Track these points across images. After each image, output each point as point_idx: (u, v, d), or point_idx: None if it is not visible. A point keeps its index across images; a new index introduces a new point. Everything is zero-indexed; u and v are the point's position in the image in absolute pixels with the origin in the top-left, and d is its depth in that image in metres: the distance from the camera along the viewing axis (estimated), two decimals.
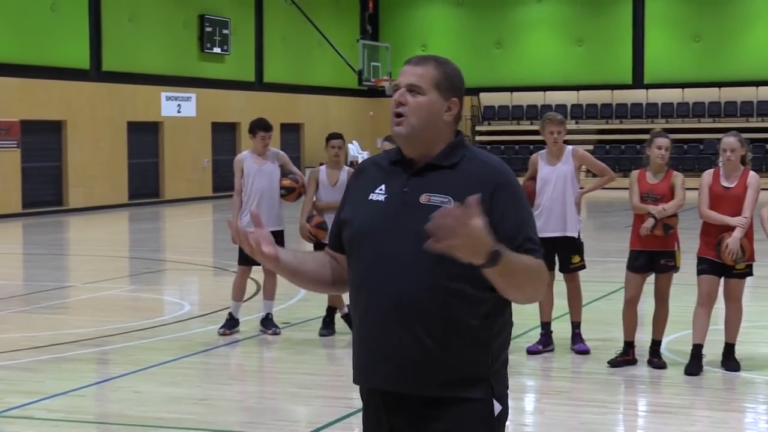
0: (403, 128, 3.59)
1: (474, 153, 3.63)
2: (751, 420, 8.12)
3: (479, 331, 3.52)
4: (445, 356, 3.50)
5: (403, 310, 3.50)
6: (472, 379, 3.54)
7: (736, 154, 9.12)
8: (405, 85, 3.61)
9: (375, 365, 3.59)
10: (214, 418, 7.95)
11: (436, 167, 3.59)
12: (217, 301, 13.14)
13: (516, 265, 3.30)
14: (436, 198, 3.51)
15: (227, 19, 36.08)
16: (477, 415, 3.55)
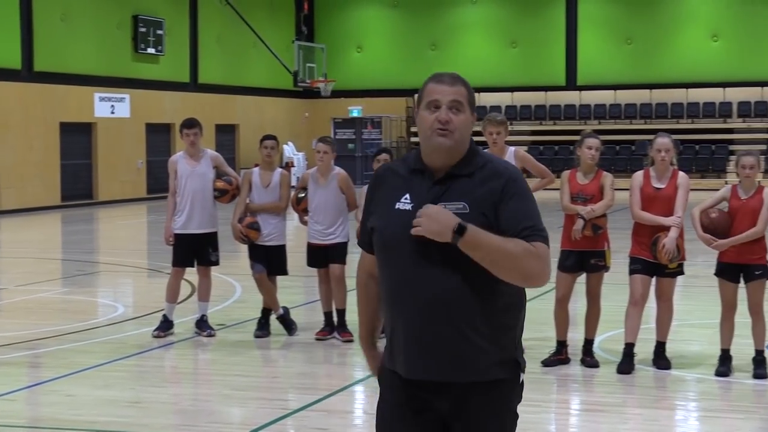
0: (449, 141, 3.93)
1: (485, 158, 4.01)
2: (681, 417, 8.22)
3: (507, 318, 3.97)
4: (483, 344, 3.89)
5: (443, 307, 3.88)
6: (505, 362, 3.98)
7: (670, 154, 9.23)
8: (447, 102, 3.96)
9: (419, 358, 3.93)
10: (147, 421, 7.89)
11: (456, 176, 3.95)
12: (151, 303, 13.05)
13: (485, 241, 3.78)
14: (450, 206, 3.87)
15: (161, 20, 35.82)
16: (510, 391, 4.01)
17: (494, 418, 4.00)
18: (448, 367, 3.91)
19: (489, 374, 3.94)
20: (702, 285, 13.20)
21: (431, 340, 3.90)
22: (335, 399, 8.57)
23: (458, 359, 3.90)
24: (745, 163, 9.12)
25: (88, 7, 32.92)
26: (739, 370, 9.17)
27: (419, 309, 3.90)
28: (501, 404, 4.00)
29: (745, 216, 9.03)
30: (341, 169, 10.90)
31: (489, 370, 3.93)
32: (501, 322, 3.94)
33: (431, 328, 3.90)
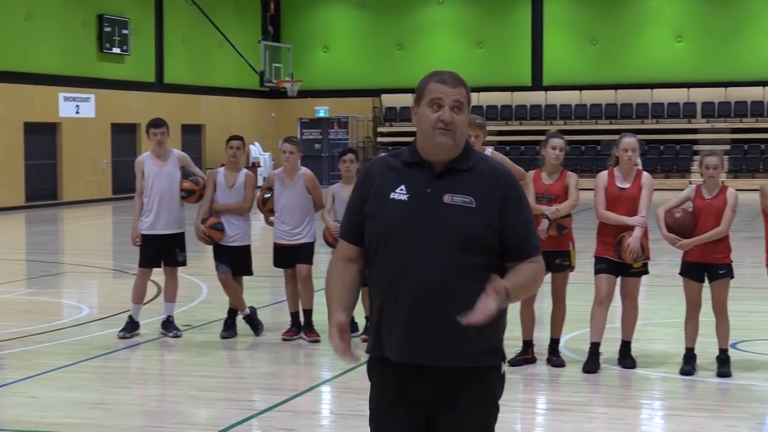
0: (450, 140, 4.11)
1: (479, 156, 4.21)
2: (646, 416, 8.26)
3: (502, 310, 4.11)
4: (473, 331, 4.00)
5: (440, 295, 4.04)
6: (491, 350, 4.16)
7: (636, 153, 9.29)
8: (450, 103, 4.12)
9: (411, 342, 4.09)
10: (113, 423, 7.86)
11: (455, 170, 4.13)
12: (116, 303, 12.99)
13: (519, 287, 4.07)
14: (458, 198, 4.07)
15: (127, 19, 35.67)
16: (495, 379, 4.20)
17: (477, 407, 4.16)
18: (438, 351, 4.07)
19: (476, 361, 4.11)
20: (667, 284, 13.28)
21: (423, 324, 4.06)
22: (302, 399, 8.56)
23: (448, 344, 4.06)
24: (709, 163, 9.18)
25: (53, 6, 32.73)
26: (704, 368, 9.23)
27: (414, 295, 4.06)
28: (485, 393, 4.18)
29: (709, 216, 9.09)
30: (308, 170, 10.90)
31: (476, 357, 4.11)
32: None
33: (424, 314, 4.05)
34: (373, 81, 42.88)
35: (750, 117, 39.64)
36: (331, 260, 4.41)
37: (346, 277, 4.32)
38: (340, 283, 4.33)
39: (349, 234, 4.30)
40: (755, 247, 14.33)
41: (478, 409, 4.16)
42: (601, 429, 7.77)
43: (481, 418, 4.18)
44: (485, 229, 4.06)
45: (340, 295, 4.31)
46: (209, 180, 10.97)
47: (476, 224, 4.05)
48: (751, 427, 7.63)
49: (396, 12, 43.06)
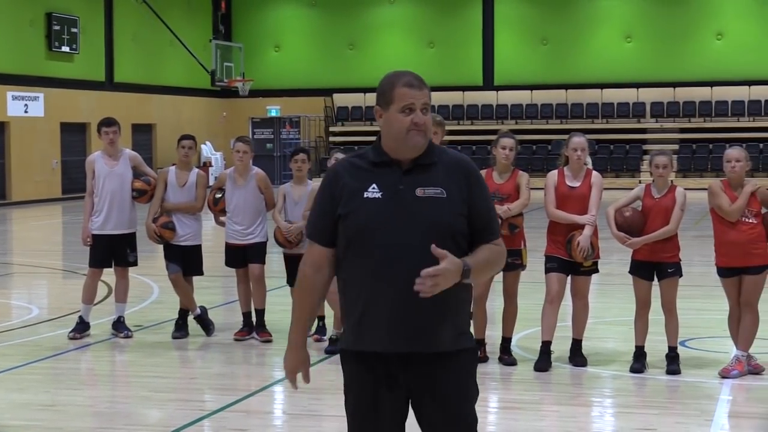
0: (423, 139, 4.32)
1: (439, 149, 4.40)
2: (597, 414, 8.31)
3: (465, 293, 4.39)
4: (450, 317, 4.30)
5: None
6: (463, 332, 4.40)
7: (585, 153, 9.34)
8: (420, 105, 4.32)
9: (393, 332, 4.27)
10: (63, 424, 7.80)
11: (421, 166, 4.32)
12: (66, 304, 12.89)
13: (481, 265, 4.27)
14: (430, 190, 4.28)
15: (76, 18, 35.39)
16: (470, 361, 4.45)
17: (459, 387, 4.37)
18: (424, 338, 4.28)
19: (454, 344, 4.33)
20: (617, 283, 13.37)
21: (409, 314, 4.25)
22: (254, 399, 8.54)
23: (429, 331, 4.27)
24: (658, 162, 9.26)
25: (0, 5, 32.40)
26: (654, 366, 9.31)
27: (397, 287, 4.21)
28: (465, 373, 4.40)
29: (658, 214, 9.17)
30: (260, 169, 10.87)
31: (454, 340, 4.34)
32: (461, 296, 4.34)
33: (409, 304, 4.21)
34: (325, 80, 42.84)
35: (698, 117, 40.03)
36: (301, 268, 4.45)
37: (314, 293, 4.44)
38: (309, 299, 4.46)
39: (319, 235, 4.40)
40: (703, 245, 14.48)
41: (462, 390, 4.37)
42: (552, 427, 7.81)
43: (466, 398, 4.39)
44: (458, 217, 4.28)
45: (307, 315, 4.48)
46: (160, 179, 10.91)
47: (449, 213, 4.27)
48: (700, 423, 7.70)
49: (347, 11, 43.05)
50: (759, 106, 39.49)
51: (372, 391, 4.35)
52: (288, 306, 11.33)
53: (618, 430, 7.78)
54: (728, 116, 39.70)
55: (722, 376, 9.00)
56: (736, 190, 9.03)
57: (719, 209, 9.02)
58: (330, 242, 4.38)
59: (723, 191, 9.04)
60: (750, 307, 9.03)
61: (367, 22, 43.04)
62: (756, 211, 9.02)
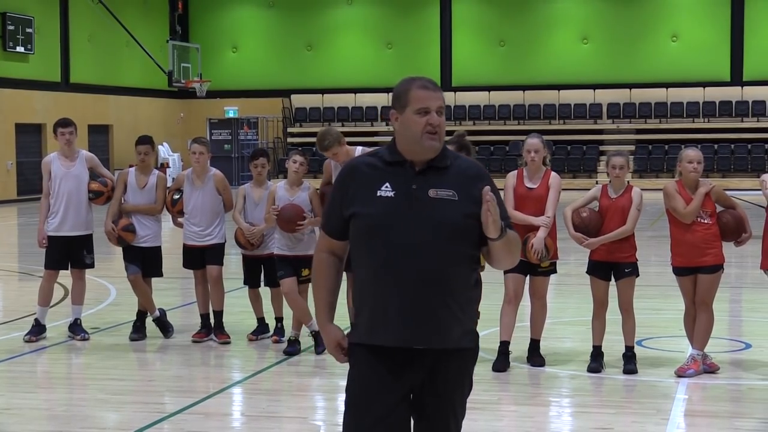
0: (438, 143, 4.46)
1: (452, 154, 4.54)
2: (555, 414, 8.35)
3: (475, 292, 4.54)
4: (459, 315, 4.45)
5: (432, 282, 4.37)
6: (470, 331, 4.55)
7: (540, 154, 9.37)
8: (436, 108, 4.46)
9: (405, 327, 4.40)
10: (19, 428, 7.74)
11: (435, 168, 4.46)
12: (22, 306, 12.79)
13: (510, 238, 4.44)
14: (442, 192, 4.40)
15: (31, 18, 35.13)
16: (472, 359, 4.61)
17: (459, 385, 4.57)
18: (429, 334, 4.41)
19: (460, 342, 4.48)
20: (574, 283, 13.45)
21: (420, 311, 4.39)
22: (213, 401, 8.52)
23: (438, 327, 4.41)
24: (615, 163, 9.32)
25: None
26: (611, 366, 9.36)
27: (406, 283, 4.37)
28: (465, 372, 4.59)
29: (614, 215, 9.23)
30: (217, 170, 10.84)
31: (461, 338, 4.48)
32: (470, 295, 4.52)
33: (420, 301, 4.38)
34: (283, 81, 42.75)
35: (654, 118, 40.30)
36: (316, 252, 4.69)
37: (331, 275, 4.64)
38: (327, 281, 4.65)
39: (331, 230, 4.60)
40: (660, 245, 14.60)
41: (459, 387, 4.56)
42: (510, 427, 7.85)
43: (462, 394, 4.60)
44: (468, 219, 4.40)
45: (328, 297, 4.66)
46: (119, 180, 10.86)
47: (460, 215, 4.40)
48: (656, 422, 7.76)
49: (305, 12, 42.98)
50: (713, 107, 39.83)
51: (375, 384, 4.45)
52: (247, 307, 11.36)
53: (575, 429, 7.82)
54: (683, 117, 40.01)
55: (678, 375, 9.07)
56: (690, 190, 9.11)
57: (675, 211, 9.09)
58: (341, 236, 4.58)
59: (678, 192, 9.10)
60: (705, 306, 9.10)
61: (325, 23, 43.00)
62: (711, 212, 9.10)
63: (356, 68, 42.35)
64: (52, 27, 36.51)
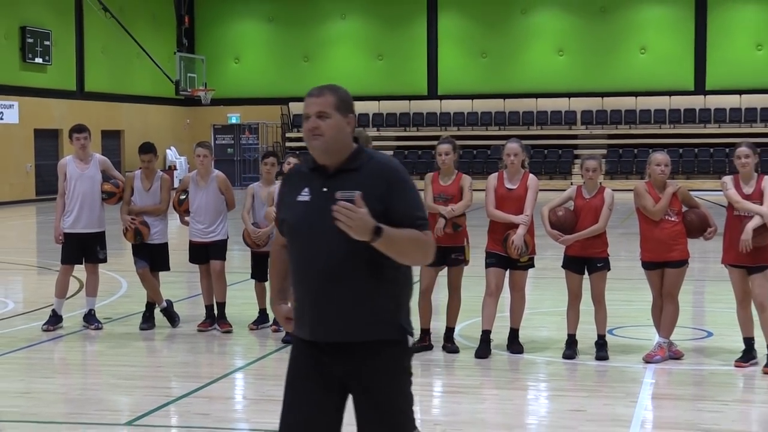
0: (319, 143, 4.27)
1: (371, 155, 4.33)
2: (532, 396, 8.35)
3: (393, 288, 4.28)
4: (371, 309, 4.21)
5: (336, 277, 4.19)
6: (391, 325, 4.28)
7: (519, 158, 9.36)
8: (314, 113, 4.29)
9: (319, 322, 4.24)
10: (38, 410, 7.72)
11: (345, 171, 4.27)
12: (40, 298, 12.76)
13: (396, 238, 4.11)
14: (347, 193, 4.11)
15: (48, 31, 35.03)
16: (399, 351, 4.33)
17: (389, 378, 4.30)
18: (335, 329, 4.22)
19: (376, 334, 4.24)
20: (551, 276, 13.44)
21: (327, 306, 4.22)
22: (217, 386, 8.50)
23: (349, 321, 4.21)
24: (588, 166, 9.32)
25: None
26: (584, 353, 9.37)
27: (315, 281, 4.23)
28: (391, 362, 4.30)
29: (588, 213, 9.23)
30: (220, 172, 10.83)
31: (376, 330, 4.23)
32: (386, 291, 4.25)
33: (327, 297, 4.21)
34: (281, 90, 42.70)
35: (624, 124, 40.34)
36: (273, 245, 4.71)
37: (283, 263, 4.54)
38: (279, 269, 4.59)
39: (280, 229, 4.51)
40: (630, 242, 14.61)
41: (389, 380, 4.30)
42: (492, 410, 7.84)
43: (394, 392, 4.32)
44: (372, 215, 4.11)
45: (280, 282, 4.58)
46: (127, 183, 10.84)
47: None
48: (625, 404, 7.76)
49: (302, 26, 42.95)
50: (678, 114, 39.88)
51: (306, 377, 4.32)
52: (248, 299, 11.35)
53: (551, 411, 7.82)
54: (651, 123, 40.06)
55: (646, 361, 9.08)
56: (659, 190, 9.12)
57: (644, 209, 9.10)
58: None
59: (647, 192, 9.12)
60: (671, 297, 9.11)
61: (320, 36, 42.97)
62: (677, 210, 9.12)
63: (349, 78, 42.25)
64: (68, 40, 36.42)
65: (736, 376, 8.74)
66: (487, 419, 7.51)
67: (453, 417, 7.52)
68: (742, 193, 8.80)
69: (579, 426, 7.19)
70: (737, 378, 8.71)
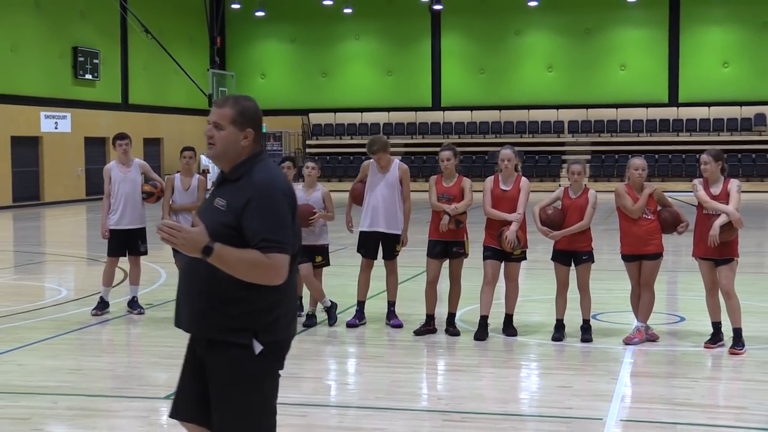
0: (211, 152, 4.00)
1: (256, 168, 3.96)
2: (525, 375, 8.33)
3: (240, 293, 3.87)
4: (213, 308, 3.91)
5: (191, 274, 3.98)
6: (235, 329, 3.90)
7: (512, 162, 9.35)
8: (211, 122, 4.01)
9: (178, 314, 4.09)
10: (87, 385, 7.74)
11: (227, 180, 4.01)
12: (90, 286, 12.79)
13: (228, 258, 3.78)
14: (220, 202, 3.94)
15: (97, 51, 35.10)
16: (243, 356, 3.92)
17: (229, 382, 3.94)
18: (190, 322, 4.01)
19: (223, 335, 3.91)
20: (541, 268, 13.42)
21: (182, 300, 4.06)
22: None
23: (191, 316, 4.00)
24: (574, 169, 9.31)
25: (34, 40, 32.13)
26: (570, 335, 9.35)
27: (181, 275, 4.08)
28: (233, 366, 3.92)
29: (574, 212, 9.22)
30: None
31: (223, 331, 3.91)
32: (230, 295, 3.88)
33: (182, 292, 4.05)
34: (302, 102, 42.73)
35: (606, 133, 40.26)
36: None
37: None
38: None
39: None
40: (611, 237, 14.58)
41: (226, 382, 3.94)
42: (489, 386, 7.83)
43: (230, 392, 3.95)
44: (224, 228, 3.85)
45: None
46: (167, 184, 10.85)
47: (220, 224, 3.87)
48: (607, 381, 7.75)
49: (321, 46, 42.96)
50: (654, 124, 39.78)
51: (186, 356, 4.17)
52: None
53: (542, 387, 7.81)
54: (630, 132, 39.96)
55: (625, 343, 9.07)
56: (637, 192, 9.10)
57: (624, 208, 9.08)
58: None
59: (627, 193, 9.10)
60: (648, 286, 9.10)
61: (337, 54, 42.97)
62: (653, 209, 9.10)
63: (362, 91, 42.30)
64: (114, 58, 36.48)
65: (705, 356, 8.72)
66: (485, 394, 7.50)
67: (454, 392, 7.52)
68: (710, 193, 8.78)
69: (566, 400, 7.18)
70: (706, 358, 8.68)
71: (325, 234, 10.10)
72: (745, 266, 12.22)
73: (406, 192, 9.93)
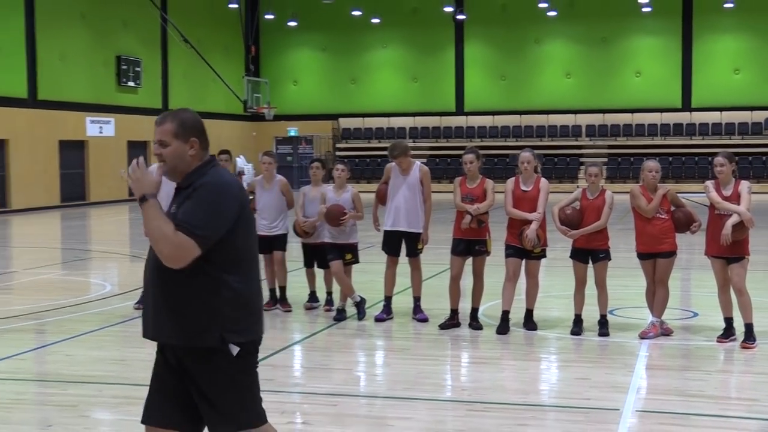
0: (164, 168, 3.93)
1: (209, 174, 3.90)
2: (545, 367, 8.31)
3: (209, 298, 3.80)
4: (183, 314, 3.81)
5: (153, 283, 3.89)
6: (206, 332, 3.81)
7: (531, 165, 9.33)
8: (156, 141, 3.93)
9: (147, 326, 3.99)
10: (131, 375, 7.79)
11: (180, 188, 3.95)
12: (133, 282, 12.87)
13: (150, 216, 3.75)
14: (172, 208, 3.89)
15: (139, 59, 35.32)
16: (221, 359, 3.85)
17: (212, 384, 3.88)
18: (152, 329, 3.94)
19: (192, 341, 3.83)
20: (560, 265, 13.38)
21: (147, 307, 3.98)
22: (278, 356, 8.53)
23: (157, 324, 3.90)
24: (591, 171, 9.27)
25: (81, 49, 32.37)
26: (588, 330, 9.32)
27: (145, 284, 3.99)
28: (215, 371, 3.86)
29: (592, 212, 9.18)
30: (282, 177, 10.86)
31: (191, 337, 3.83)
32: (188, 300, 3.82)
33: (148, 299, 3.96)
34: (333, 107, 42.80)
35: (622, 136, 40.06)
36: None
37: None
38: None
39: None
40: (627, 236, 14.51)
41: (213, 386, 3.88)
42: (510, 378, 7.82)
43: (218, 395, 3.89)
44: None
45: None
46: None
47: None
48: (624, 374, 7.71)
49: (350, 54, 43.00)
50: (668, 128, 39.54)
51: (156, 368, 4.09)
52: (303, 284, 11.34)
53: (561, 379, 7.79)
54: (645, 136, 39.73)
55: (641, 338, 9.02)
56: (651, 192, 9.05)
57: (639, 208, 9.03)
58: None
59: (641, 194, 9.05)
60: (662, 283, 9.04)
61: (365, 62, 43.00)
62: (667, 209, 9.05)
63: (389, 97, 42.30)
64: (155, 66, 36.69)
65: (717, 350, 8.66)
66: (506, 386, 7.48)
67: (477, 384, 7.50)
68: (721, 194, 8.72)
69: (584, 392, 7.15)
70: (719, 351, 8.62)
71: (355, 233, 10.13)
72: (756, 264, 12.12)
73: (427, 192, 9.94)
